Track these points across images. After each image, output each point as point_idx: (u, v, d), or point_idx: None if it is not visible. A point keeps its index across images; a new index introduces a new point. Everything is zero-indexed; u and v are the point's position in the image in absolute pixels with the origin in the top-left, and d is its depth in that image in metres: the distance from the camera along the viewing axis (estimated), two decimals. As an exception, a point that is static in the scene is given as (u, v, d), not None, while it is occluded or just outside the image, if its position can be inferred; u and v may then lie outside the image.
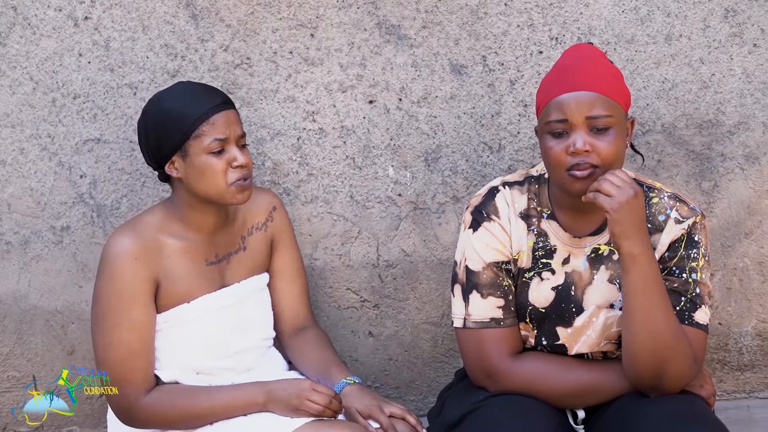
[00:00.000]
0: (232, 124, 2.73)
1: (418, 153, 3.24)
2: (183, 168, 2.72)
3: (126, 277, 2.70)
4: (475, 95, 3.21)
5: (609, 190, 2.48)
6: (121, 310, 2.70)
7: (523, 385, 2.65)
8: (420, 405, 3.40)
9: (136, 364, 2.73)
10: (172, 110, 2.70)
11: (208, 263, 2.82)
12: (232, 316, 2.85)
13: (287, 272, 3.01)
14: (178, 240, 2.78)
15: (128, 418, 2.75)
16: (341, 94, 3.20)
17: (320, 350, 2.95)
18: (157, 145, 2.73)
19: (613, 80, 2.57)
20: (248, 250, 2.92)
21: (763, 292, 3.34)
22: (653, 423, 2.48)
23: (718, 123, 3.23)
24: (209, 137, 2.68)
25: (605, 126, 2.52)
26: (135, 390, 2.72)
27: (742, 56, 3.19)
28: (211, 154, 2.69)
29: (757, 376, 3.42)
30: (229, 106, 2.76)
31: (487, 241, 2.68)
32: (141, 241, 2.72)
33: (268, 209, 2.98)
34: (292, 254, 3.03)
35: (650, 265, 2.52)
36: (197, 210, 2.78)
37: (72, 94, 3.18)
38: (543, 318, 2.70)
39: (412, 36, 3.17)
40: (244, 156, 2.73)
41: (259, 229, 2.95)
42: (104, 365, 2.73)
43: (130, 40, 3.15)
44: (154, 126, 2.72)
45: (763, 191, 3.27)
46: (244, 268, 2.90)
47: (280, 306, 3.01)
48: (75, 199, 3.24)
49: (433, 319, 3.35)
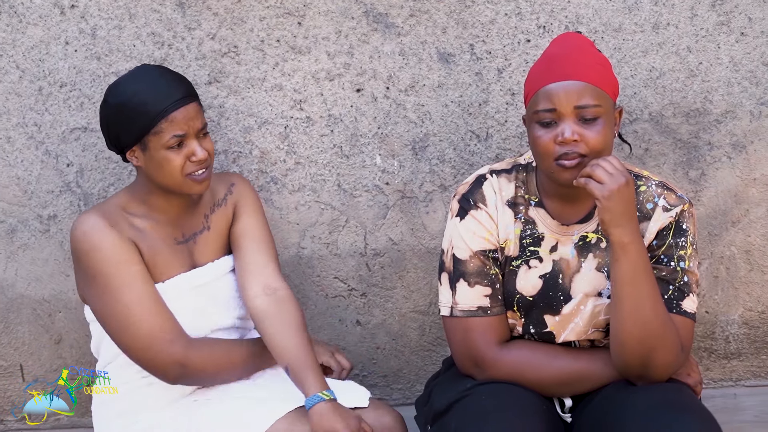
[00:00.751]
0: (192, 119, 2.70)
1: (405, 142, 3.24)
2: (143, 158, 2.72)
3: (111, 243, 2.69)
4: (462, 84, 3.20)
5: (601, 177, 2.48)
6: (122, 270, 2.68)
7: (510, 373, 2.65)
8: (407, 393, 3.41)
9: (166, 312, 2.71)
10: (131, 105, 2.67)
11: (177, 242, 2.82)
12: (206, 295, 2.83)
13: (254, 232, 2.90)
14: (143, 220, 2.78)
15: (182, 369, 2.71)
16: (329, 82, 3.19)
17: (295, 335, 2.76)
18: (117, 136, 2.72)
19: (602, 69, 2.57)
20: (212, 229, 2.89)
21: (749, 280, 3.35)
22: (640, 411, 2.49)
23: (705, 112, 3.23)
24: (168, 134, 2.67)
25: (593, 116, 2.52)
26: (177, 334, 2.70)
27: (730, 45, 3.19)
28: (169, 149, 2.68)
29: (743, 365, 3.43)
30: (190, 99, 2.72)
31: (474, 230, 2.68)
32: (110, 216, 2.73)
33: (227, 185, 2.95)
34: (256, 218, 2.93)
35: (639, 255, 2.52)
36: (159, 195, 2.78)
37: (59, 83, 3.17)
38: (530, 306, 2.70)
39: (399, 24, 3.16)
40: (203, 149, 2.71)
41: (219, 205, 2.91)
42: (130, 329, 2.67)
43: (117, 29, 3.14)
44: (115, 118, 2.71)
45: (750, 180, 3.28)
46: (212, 249, 2.88)
47: (246, 263, 2.86)
48: (62, 187, 3.23)
49: (421, 308, 3.35)
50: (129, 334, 2.68)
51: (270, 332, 2.77)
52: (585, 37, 2.67)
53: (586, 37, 2.66)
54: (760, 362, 3.43)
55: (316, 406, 2.62)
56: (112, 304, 2.68)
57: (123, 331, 2.69)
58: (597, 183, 2.49)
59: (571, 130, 2.51)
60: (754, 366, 3.44)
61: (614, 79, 2.60)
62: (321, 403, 2.62)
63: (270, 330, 2.77)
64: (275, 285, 2.84)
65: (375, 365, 3.39)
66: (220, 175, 2.99)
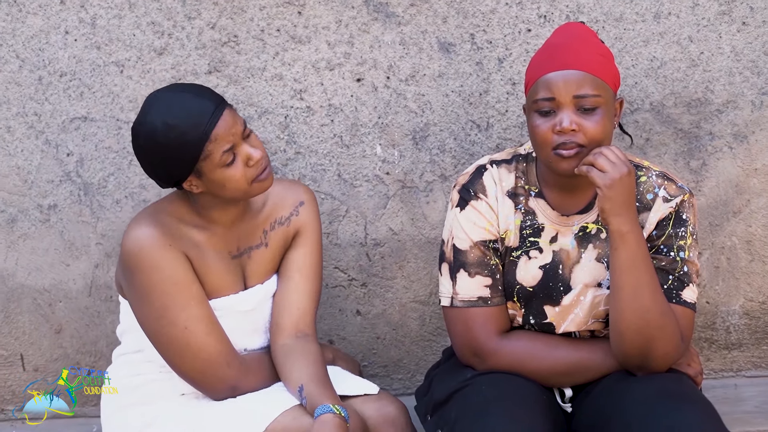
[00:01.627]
0: (233, 127, 2.56)
1: (405, 131, 3.23)
2: (202, 185, 2.60)
3: (171, 263, 2.60)
4: (463, 73, 3.20)
5: (603, 166, 2.48)
6: (182, 292, 2.61)
7: (510, 363, 2.65)
8: (407, 384, 3.41)
9: (222, 333, 2.66)
10: (168, 142, 2.51)
11: (232, 257, 2.74)
12: (248, 320, 2.78)
13: (306, 269, 2.81)
14: (201, 231, 2.69)
15: (233, 391, 2.69)
16: (329, 72, 3.19)
17: (313, 365, 2.70)
18: (167, 175, 2.59)
19: (603, 60, 2.56)
20: (270, 247, 2.79)
21: (750, 271, 3.35)
22: (639, 401, 2.49)
23: (706, 101, 3.22)
24: (217, 153, 2.53)
25: (593, 106, 2.51)
26: (233, 356, 2.67)
27: (731, 34, 3.18)
28: (225, 166, 2.55)
29: (744, 355, 3.43)
30: (222, 107, 2.57)
31: (474, 220, 2.68)
32: (166, 230, 2.62)
33: (295, 203, 2.82)
34: (314, 252, 2.83)
35: (638, 244, 2.52)
36: (219, 208, 2.69)
37: (58, 72, 3.17)
38: (530, 297, 2.70)
39: (399, 14, 3.15)
40: (256, 149, 2.59)
41: (282, 223, 2.80)
42: (188, 352, 2.62)
43: (117, 18, 3.14)
44: (157, 159, 2.56)
45: (751, 170, 3.27)
46: (264, 269, 2.80)
47: (288, 300, 2.79)
48: (62, 177, 3.23)
49: (421, 298, 3.35)
50: (185, 356, 2.64)
51: (288, 365, 2.71)
52: (587, 27, 2.67)
53: (588, 27, 2.65)
54: (761, 353, 3.43)
55: (325, 416, 2.53)
56: (169, 326, 2.62)
57: (179, 352, 2.64)
58: (599, 171, 2.48)
59: (570, 119, 2.51)
60: (755, 356, 3.44)
61: (615, 70, 2.60)
62: (330, 414, 2.53)
63: (288, 365, 2.71)
64: (307, 331, 2.78)
65: (375, 355, 3.39)
66: (288, 184, 2.86)
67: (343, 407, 2.56)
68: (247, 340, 2.80)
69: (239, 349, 2.77)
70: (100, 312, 3.31)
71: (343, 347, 3.35)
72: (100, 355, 3.32)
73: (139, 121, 2.58)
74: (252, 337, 2.81)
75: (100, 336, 3.32)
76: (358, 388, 2.76)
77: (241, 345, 2.78)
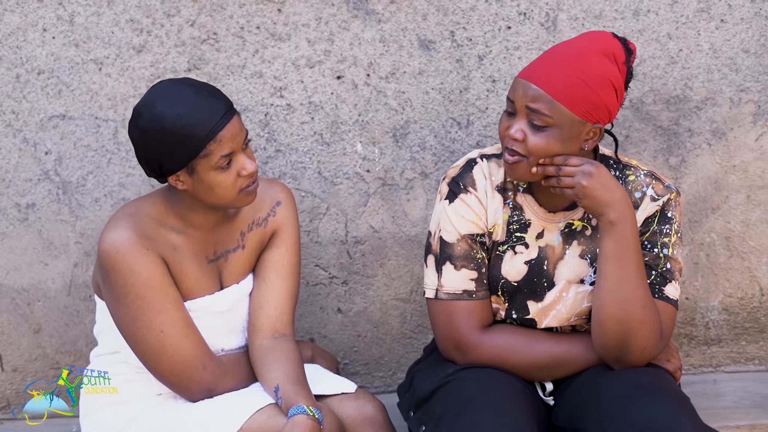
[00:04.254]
0: (238, 134, 2.56)
1: (386, 129, 3.23)
2: (190, 182, 2.58)
3: (147, 266, 2.59)
4: (443, 71, 3.20)
5: (567, 183, 2.53)
6: (158, 296, 2.60)
7: (492, 357, 2.66)
8: (389, 381, 3.40)
9: (198, 335, 2.66)
10: (175, 130, 2.51)
11: (208, 261, 2.74)
12: (224, 320, 2.78)
13: (283, 269, 2.80)
14: (179, 235, 2.68)
15: (209, 393, 2.68)
16: (309, 69, 3.18)
17: (289, 363, 2.69)
18: (159, 163, 2.57)
19: (578, 85, 2.50)
20: (247, 249, 2.79)
21: (729, 267, 3.37)
22: (615, 393, 2.52)
23: (685, 98, 3.24)
24: (217, 155, 2.53)
25: (542, 124, 2.52)
26: (209, 359, 2.67)
27: (710, 32, 3.20)
28: (219, 169, 2.55)
29: (723, 351, 3.45)
30: (232, 112, 2.57)
31: (462, 213, 2.68)
32: (143, 232, 2.61)
33: (272, 203, 2.81)
34: (291, 252, 2.82)
35: (625, 233, 2.54)
36: (199, 211, 2.67)
37: (36, 70, 3.15)
38: (515, 291, 2.70)
39: (380, 11, 3.15)
40: (252, 162, 2.59)
41: (259, 225, 2.79)
42: (164, 356, 2.62)
43: (95, 15, 3.12)
44: (155, 146, 2.54)
45: (730, 166, 3.29)
46: (240, 271, 2.79)
47: (264, 300, 2.78)
48: (40, 176, 3.21)
49: (402, 296, 3.35)
50: (161, 360, 2.63)
51: (265, 366, 2.70)
52: (604, 42, 2.57)
53: (603, 43, 2.56)
54: (739, 348, 3.45)
55: (297, 417, 2.52)
56: (144, 329, 2.61)
57: (155, 356, 2.63)
58: (569, 189, 2.53)
59: (518, 127, 2.54)
60: (734, 352, 3.45)
61: (597, 99, 2.52)
62: (303, 415, 2.52)
63: (265, 366, 2.70)
64: (285, 331, 2.77)
65: (356, 353, 3.39)
66: (265, 184, 2.82)
67: (317, 408, 2.55)
68: (225, 341, 2.79)
69: (217, 350, 2.76)
70: (80, 311, 3.29)
71: (324, 345, 3.34)
72: (79, 354, 3.30)
73: (145, 104, 2.57)
74: (229, 338, 2.80)
75: (79, 335, 3.30)
76: (335, 386, 2.76)
77: (219, 345, 2.78)
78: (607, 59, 2.54)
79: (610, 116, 2.57)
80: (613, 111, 2.57)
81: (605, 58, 2.54)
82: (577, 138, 2.54)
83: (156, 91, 2.59)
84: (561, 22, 3.17)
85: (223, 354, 2.78)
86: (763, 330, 3.43)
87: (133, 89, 3.14)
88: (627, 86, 2.60)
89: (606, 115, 2.55)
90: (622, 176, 2.69)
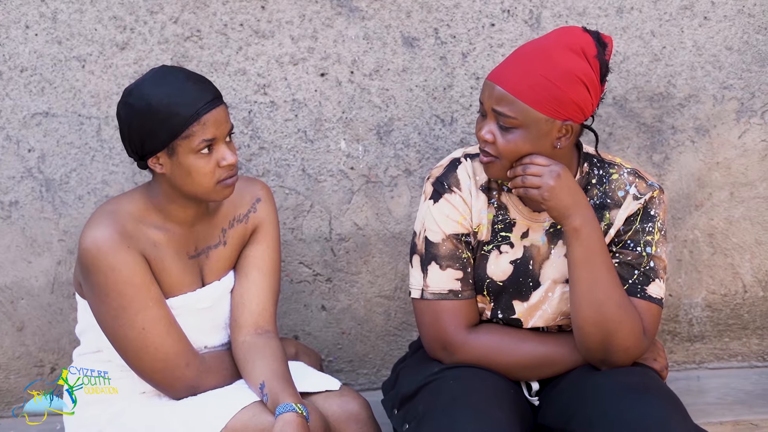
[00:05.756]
0: (222, 123, 2.59)
1: (370, 126, 3.23)
2: (169, 165, 2.59)
3: (128, 264, 2.59)
4: (427, 68, 3.20)
5: (533, 182, 2.52)
6: (140, 294, 2.60)
7: (478, 357, 2.66)
8: (373, 378, 3.41)
9: (180, 333, 2.66)
10: (161, 107, 2.53)
11: (189, 257, 2.74)
12: (206, 317, 2.77)
13: (265, 265, 2.81)
14: (159, 231, 2.67)
15: (193, 390, 2.69)
16: (292, 66, 3.18)
17: (274, 361, 2.69)
18: (141, 141, 2.58)
19: (541, 84, 2.49)
20: (228, 246, 2.79)
21: (712, 263, 3.38)
22: (604, 393, 2.51)
23: (668, 96, 3.24)
24: (198, 138, 2.55)
25: (508, 125, 2.51)
26: (192, 356, 2.67)
27: (693, 29, 3.20)
28: (199, 153, 2.56)
29: (707, 347, 3.46)
30: (220, 101, 2.61)
31: (447, 213, 2.68)
32: (124, 230, 2.61)
33: (252, 200, 2.82)
34: (272, 248, 2.83)
35: (591, 238, 2.54)
36: (178, 204, 2.67)
37: (19, 67, 3.14)
38: (500, 291, 2.70)
39: (363, 8, 3.15)
40: (233, 154, 2.60)
41: (240, 221, 2.80)
42: (146, 353, 2.62)
43: (78, 12, 3.11)
44: (140, 122, 2.56)
45: (713, 164, 3.30)
46: (222, 267, 2.79)
47: (247, 297, 2.78)
48: (23, 173, 3.20)
49: (386, 293, 3.35)
50: (143, 358, 2.64)
51: (249, 363, 2.71)
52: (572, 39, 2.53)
53: (570, 40, 2.53)
54: (723, 345, 3.46)
55: (287, 415, 2.52)
56: (126, 327, 2.61)
57: (137, 353, 2.63)
58: (534, 189, 2.52)
59: (488, 129, 2.55)
60: (717, 348, 3.46)
61: (561, 97, 2.49)
62: (293, 413, 2.52)
63: (249, 363, 2.71)
64: (268, 328, 2.78)
65: (340, 350, 3.39)
66: (244, 181, 2.84)
67: (304, 406, 2.56)
68: (208, 338, 2.79)
69: (200, 347, 2.76)
70: (63, 309, 3.28)
71: (308, 342, 3.34)
72: (63, 352, 3.29)
73: (137, 84, 2.61)
74: (212, 335, 2.80)
75: (63, 333, 3.29)
76: (319, 384, 2.76)
77: (202, 342, 2.77)
78: (574, 54, 2.50)
79: (584, 112, 2.53)
80: (586, 107, 2.53)
81: (572, 53, 2.50)
82: (547, 136, 2.53)
83: (149, 73, 2.64)
84: (545, 19, 3.17)
85: (206, 352, 2.78)
86: (746, 326, 3.44)
87: (116, 86, 3.13)
88: (603, 80, 2.55)
89: (577, 111, 2.52)
90: (606, 174, 2.68)
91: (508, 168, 2.56)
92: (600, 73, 2.53)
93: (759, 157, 3.31)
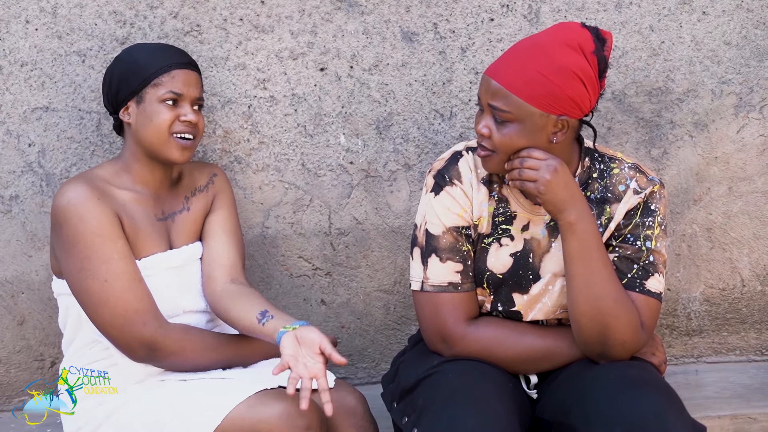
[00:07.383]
0: (191, 85, 2.81)
1: (369, 121, 3.23)
2: (135, 113, 2.79)
3: (97, 215, 2.68)
4: (426, 63, 3.20)
5: (530, 176, 2.52)
6: (106, 245, 2.67)
7: (477, 350, 2.66)
8: (372, 372, 3.41)
9: (143, 291, 2.71)
10: (138, 59, 2.80)
11: (157, 219, 2.83)
12: (180, 277, 2.84)
13: (229, 227, 2.95)
14: (129, 192, 2.80)
15: (150, 352, 2.70)
16: (292, 61, 3.18)
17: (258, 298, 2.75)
18: (117, 88, 2.80)
19: (536, 80, 2.49)
20: (191, 212, 2.91)
21: (711, 258, 3.38)
22: (602, 387, 2.51)
23: (667, 90, 3.25)
24: (165, 88, 2.76)
25: (503, 119, 2.52)
26: (152, 316, 2.70)
27: (692, 24, 3.21)
28: (163, 103, 2.76)
29: (704, 341, 3.47)
30: (193, 67, 2.85)
31: (448, 206, 2.68)
32: (95, 187, 2.72)
33: (210, 175, 3.00)
34: (233, 213, 2.99)
35: (587, 233, 2.55)
36: (143, 164, 2.82)
37: (19, 62, 3.14)
38: (500, 284, 2.71)
39: (363, 3, 3.15)
40: (195, 116, 2.80)
41: (201, 191, 2.95)
42: (106, 306, 2.67)
43: (78, 7, 3.11)
44: (119, 71, 2.81)
45: (712, 158, 3.30)
46: (188, 232, 2.90)
47: (217, 254, 2.89)
48: (23, 168, 3.20)
49: (385, 287, 3.36)
50: (104, 310, 2.68)
51: (239, 302, 2.75)
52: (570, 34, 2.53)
53: (567, 36, 2.52)
54: (721, 339, 3.47)
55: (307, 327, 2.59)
56: (90, 278, 2.67)
57: (98, 306, 2.68)
58: (531, 183, 2.53)
59: (484, 123, 2.56)
60: (715, 343, 3.47)
61: (556, 92, 2.49)
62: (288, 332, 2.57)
63: (239, 302, 2.75)
64: (241, 279, 2.87)
65: (340, 344, 3.39)
66: (202, 163, 3.06)
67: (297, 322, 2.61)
68: (183, 301, 2.84)
69: (177, 311, 2.81)
70: (63, 303, 3.29)
71: (308, 337, 3.34)
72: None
73: (132, 45, 3.00)
74: (186, 296, 2.85)
75: (63, 327, 3.30)
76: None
77: (179, 305, 2.83)
78: (571, 50, 2.50)
79: (581, 108, 2.53)
80: (583, 102, 2.53)
81: (569, 49, 2.50)
82: (542, 131, 2.53)
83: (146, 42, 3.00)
84: (544, 14, 3.18)
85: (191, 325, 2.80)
86: (744, 321, 3.45)
87: (116, 81, 3.14)
88: (602, 76, 2.55)
89: (573, 107, 2.52)
90: (607, 169, 2.69)
91: (504, 162, 2.56)
92: (598, 68, 2.53)
93: (757, 151, 3.32)
